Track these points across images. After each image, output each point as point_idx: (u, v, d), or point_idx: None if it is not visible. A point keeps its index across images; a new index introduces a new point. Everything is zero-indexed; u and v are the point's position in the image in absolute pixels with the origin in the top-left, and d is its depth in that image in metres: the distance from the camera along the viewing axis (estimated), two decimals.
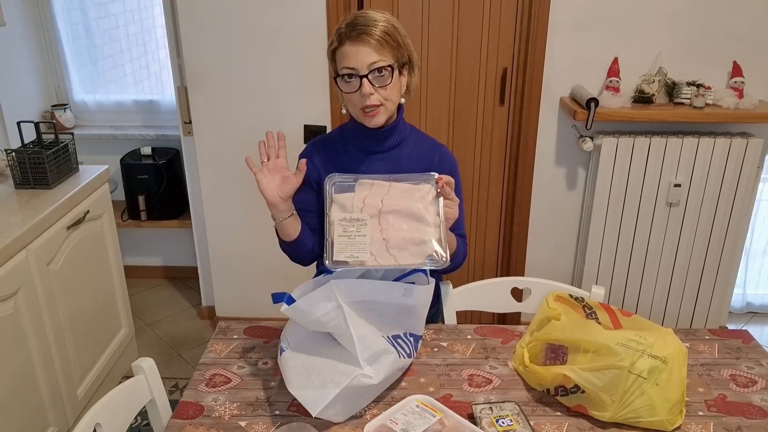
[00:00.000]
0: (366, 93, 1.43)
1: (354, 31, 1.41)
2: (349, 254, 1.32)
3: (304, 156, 1.60)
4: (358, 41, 1.41)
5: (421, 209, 1.38)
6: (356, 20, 1.43)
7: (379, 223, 1.36)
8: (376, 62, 1.42)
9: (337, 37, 1.44)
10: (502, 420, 1.29)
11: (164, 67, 3.34)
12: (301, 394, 1.31)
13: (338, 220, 1.35)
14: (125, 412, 1.37)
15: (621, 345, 1.31)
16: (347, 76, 1.44)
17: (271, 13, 2.55)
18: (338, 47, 1.44)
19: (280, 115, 2.70)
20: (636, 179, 2.60)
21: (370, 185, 1.40)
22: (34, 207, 2.17)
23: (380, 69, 1.42)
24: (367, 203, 1.38)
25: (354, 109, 1.50)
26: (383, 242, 1.34)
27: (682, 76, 2.58)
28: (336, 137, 1.62)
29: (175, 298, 3.45)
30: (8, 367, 1.95)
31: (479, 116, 2.73)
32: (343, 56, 1.43)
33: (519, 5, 2.55)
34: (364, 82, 1.42)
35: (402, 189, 1.41)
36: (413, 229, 1.36)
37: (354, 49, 1.41)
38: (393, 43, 1.44)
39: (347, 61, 1.42)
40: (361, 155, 1.58)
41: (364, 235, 1.34)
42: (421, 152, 1.59)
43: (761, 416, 1.36)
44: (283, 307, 1.36)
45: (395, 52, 1.45)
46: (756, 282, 3.21)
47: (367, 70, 1.42)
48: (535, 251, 2.91)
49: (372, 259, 1.33)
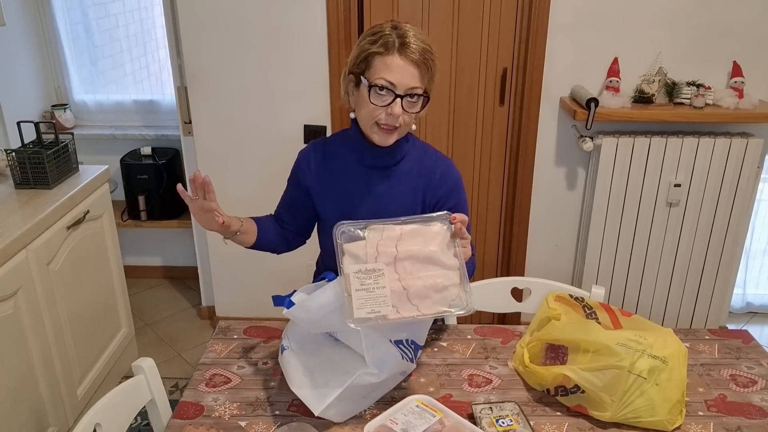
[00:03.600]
0: (396, 113, 1.39)
1: (406, 47, 1.36)
2: (370, 309, 1.24)
3: (304, 155, 1.60)
4: (407, 59, 1.36)
5: (437, 252, 1.30)
6: (407, 36, 1.37)
7: (396, 271, 1.29)
8: (416, 88, 1.38)
9: (383, 44, 1.37)
10: (502, 420, 1.29)
11: (164, 67, 3.34)
12: (303, 393, 1.31)
13: (353, 272, 1.27)
14: (125, 412, 1.37)
15: (621, 345, 1.31)
16: (381, 87, 1.38)
17: (272, 13, 2.55)
18: (382, 54, 1.37)
19: (280, 115, 2.70)
20: (636, 179, 2.60)
21: (381, 230, 1.33)
22: (34, 207, 2.16)
23: (416, 95, 1.39)
24: (381, 251, 1.31)
25: (367, 120, 1.44)
26: (404, 292, 1.28)
27: (682, 76, 2.58)
28: (336, 143, 1.58)
29: (175, 298, 3.45)
30: (8, 367, 1.94)
31: (479, 116, 2.73)
32: (385, 67, 1.37)
33: (519, 5, 2.56)
34: (397, 101, 1.38)
35: (414, 231, 1.33)
36: (433, 275, 1.29)
37: (402, 65, 1.36)
38: (431, 74, 1.41)
39: (390, 74, 1.36)
40: (360, 168, 1.54)
41: (383, 287, 1.27)
42: (422, 168, 1.54)
43: (761, 416, 1.36)
44: (284, 311, 1.36)
45: (430, 82, 1.42)
46: (756, 282, 3.21)
47: (404, 91, 1.38)
48: (535, 251, 2.91)
49: (394, 311, 1.26)
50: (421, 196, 1.54)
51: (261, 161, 2.76)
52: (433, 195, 1.54)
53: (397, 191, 1.53)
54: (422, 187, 1.54)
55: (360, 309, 1.24)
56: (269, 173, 2.74)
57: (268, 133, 2.73)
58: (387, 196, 1.53)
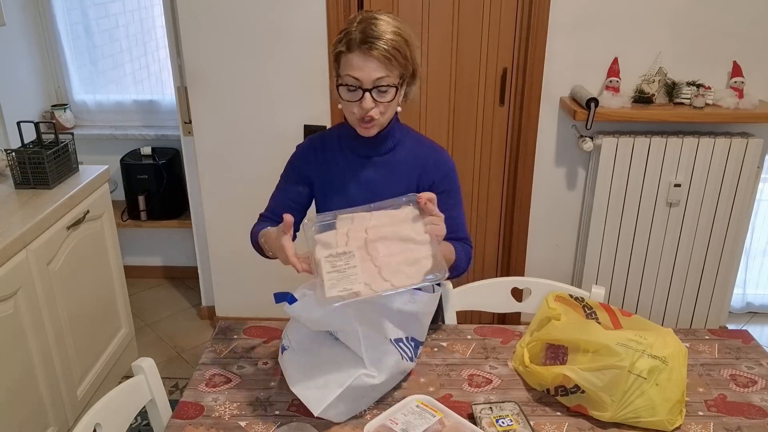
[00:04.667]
0: (367, 107, 1.41)
1: (365, 42, 1.37)
2: (342, 288, 1.25)
3: (303, 149, 1.61)
4: (367, 54, 1.37)
5: (408, 230, 1.32)
6: (368, 29, 1.38)
7: (368, 253, 1.29)
8: (382, 78, 1.39)
9: (347, 42, 1.39)
10: (502, 420, 1.29)
11: (164, 67, 3.34)
12: (303, 393, 1.31)
13: (324, 257, 1.27)
14: (125, 412, 1.37)
15: (621, 345, 1.31)
16: (350, 85, 1.41)
17: (271, 13, 2.55)
18: (346, 53, 1.40)
19: (280, 115, 2.70)
20: (636, 179, 2.60)
21: (351, 219, 1.34)
22: (34, 207, 2.17)
23: (384, 86, 1.40)
24: (351, 236, 1.31)
25: (350, 117, 1.47)
26: (375, 269, 1.28)
27: (682, 76, 2.58)
28: (333, 137, 1.60)
29: (175, 298, 3.45)
30: (8, 367, 1.95)
31: (479, 116, 2.73)
32: (349, 64, 1.39)
33: (519, 5, 2.55)
34: (366, 95, 1.40)
35: (384, 215, 1.34)
36: (404, 250, 1.30)
37: (362, 61, 1.37)
38: (401, 60, 1.41)
39: (353, 71, 1.39)
40: (355, 158, 1.56)
41: (354, 266, 1.27)
42: (416, 157, 1.56)
43: (761, 416, 1.36)
44: (286, 307, 1.36)
45: (401, 68, 1.42)
46: (756, 282, 3.21)
47: (371, 85, 1.39)
48: (535, 251, 2.91)
49: (367, 288, 1.26)
50: (415, 183, 1.56)
51: (261, 161, 2.76)
52: (426, 181, 1.56)
53: (392, 180, 1.55)
54: (416, 175, 1.55)
55: (332, 289, 1.25)
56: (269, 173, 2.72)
57: (268, 133, 2.73)
58: (382, 184, 1.55)
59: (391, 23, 1.40)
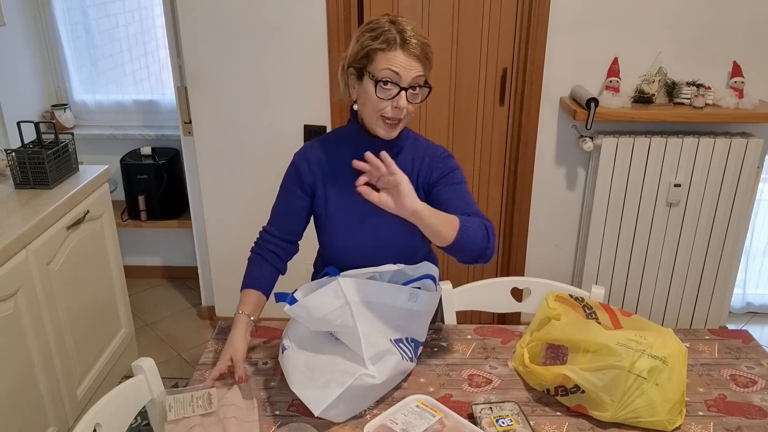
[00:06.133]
0: (402, 106, 1.42)
1: (406, 42, 1.39)
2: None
3: (301, 159, 1.58)
4: (410, 54, 1.39)
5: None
6: (406, 31, 1.40)
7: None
8: (419, 77, 1.42)
9: (385, 40, 1.39)
10: (502, 420, 1.29)
11: (164, 67, 3.34)
12: (303, 393, 1.31)
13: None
14: (125, 412, 1.36)
15: (621, 345, 1.31)
16: (386, 82, 1.40)
17: (272, 13, 2.55)
18: (385, 50, 1.40)
19: (280, 115, 2.70)
20: (636, 179, 2.60)
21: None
22: (34, 207, 2.16)
23: (418, 86, 1.43)
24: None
25: (372, 114, 1.45)
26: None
27: (682, 76, 2.58)
28: (333, 142, 1.59)
29: (175, 298, 3.45)
30: (8, 367, 1.95)
31: (479, 116, 2.73)
32: (388, 61, 1.39)
33: (519, 5, 2.56)
34: (402, 94, 1.41)
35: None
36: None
37: (405, 58, 1.39)
38: (430, 65, 1.45)
39: (395, 67, 1.39)
40: (363, 149, 1.55)
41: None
42: (413, 156, 1.58)
43: (761, 416, 1.36)
44: (286, 307, 1.36)
45: (429, 72, 1.46)
46: (756, 282, 3.21)
47: (409, 83, 1.41)
48: (535, 251, 2.91)
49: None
50: (415, 181, 1.56)
51: (261, 161, 2.76)
52: (426, 178, 1.56)
53: None
54: (415, 173, 1.56)
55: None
56: (269, 173, 2.73)
57: (268, 133, 2.73)
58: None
59: (419, 30, 1.44)
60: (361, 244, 1.55)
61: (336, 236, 1.57)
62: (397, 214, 1.30)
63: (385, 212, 1.32)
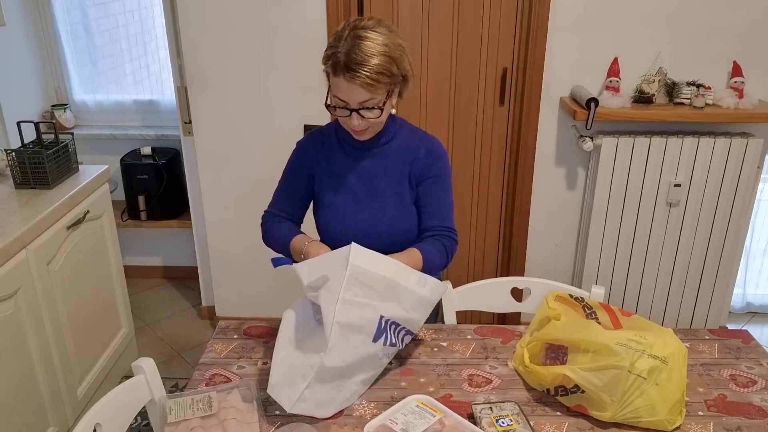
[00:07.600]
0: (353, 126, 1.47)
1: (348, 69, 1.37)
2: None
3: (304, 144, 1.66)
4: (351, 80, 1.38)
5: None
6: (353, 52, 1.37)
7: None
8: (367, 101, 1.43)
9: (333, 64, 1.40)
10: (502, 420, 1.29)
11: (164, 67, 3.34)
12: (275, 391, 1.31)
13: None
14: (125, 412, 1.36)
15: (621, 345, 1.31)
16: (337, 105, 1.45)
17: (271, 13, 2.55)
18: (332, 75, 1.42)
19: (280, 114, 2.70)
20: (636, 179, 2.60)
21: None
22: (34, 207, 2.16)
23: (369, 107, 1.44)
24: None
25: (344, 125, 1.53)
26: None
27: (682, 76, 2.58)
28: (331, 131, 1.65)
29: (175, 298, 3.45)
30: (8, 367, 1.95)
31: (479, 116, 2.73)
32: (335, 86, 1.43)
33: (519, 5, 2.55)
34: (353, 114, 1.45)
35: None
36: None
37: (346, 85, 1.40)
38: (386, 80, 1.42)
39: (340, 93, 1.42)
40: (353, 150, 1.61)
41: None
42: (409, 146, 1.61)
43: (761, 416, 1.36)
44: (286, 267, 1.41)
45: (389, 85, 1.44)
46: (756, 282, 3.21)
47: (357, 106, 1.43)
48: (535, 251, 2.91)
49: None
50: (408, 170, 1.60)
51: (261, 161, 2.76)
52: (417, 168, 1.60)
53: (387, 167, 1.60)
54: (409, 162, 1.60)
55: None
56: (269, 173, 2.73)
57: (268, 133, 2.73)
58: (377, 172, 1.60)
59: (379, 40, 1.39)
60: (355, 228, 1.59)
61: (327, 219, 1.63)
62: None
63: (380, 200, 1.35)
